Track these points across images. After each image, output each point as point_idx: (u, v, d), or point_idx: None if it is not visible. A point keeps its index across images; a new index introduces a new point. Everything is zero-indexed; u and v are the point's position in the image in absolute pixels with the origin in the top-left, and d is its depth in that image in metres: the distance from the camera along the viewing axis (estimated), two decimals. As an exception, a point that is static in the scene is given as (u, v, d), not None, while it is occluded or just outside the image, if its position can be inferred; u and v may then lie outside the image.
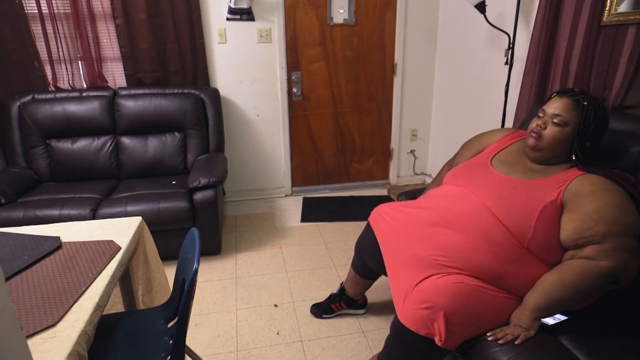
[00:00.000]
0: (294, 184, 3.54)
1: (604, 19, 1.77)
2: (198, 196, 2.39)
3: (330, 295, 2.02)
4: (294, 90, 3.25)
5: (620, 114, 1.69)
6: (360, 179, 3.65)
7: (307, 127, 3.40)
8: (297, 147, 3.44)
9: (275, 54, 3.09)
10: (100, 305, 1.10)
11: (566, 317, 1.24)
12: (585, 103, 1.32)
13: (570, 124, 1.33)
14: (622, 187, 1.25)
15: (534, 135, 1.38)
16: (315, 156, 3.50)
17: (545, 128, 1.37)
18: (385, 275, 1.71)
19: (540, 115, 1.40)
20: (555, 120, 1.35)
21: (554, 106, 1.36)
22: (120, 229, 1.49)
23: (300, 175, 3.53)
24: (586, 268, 1.19)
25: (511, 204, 1.32)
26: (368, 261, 1.74)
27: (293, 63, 3.19)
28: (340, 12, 3.09)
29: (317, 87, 3.29)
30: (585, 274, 1.19)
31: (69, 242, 1.39)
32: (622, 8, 1.69)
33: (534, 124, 1.40)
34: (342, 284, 2.00)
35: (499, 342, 1.22)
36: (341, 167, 3.58)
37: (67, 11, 2.70)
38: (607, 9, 1.75)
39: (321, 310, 2.00)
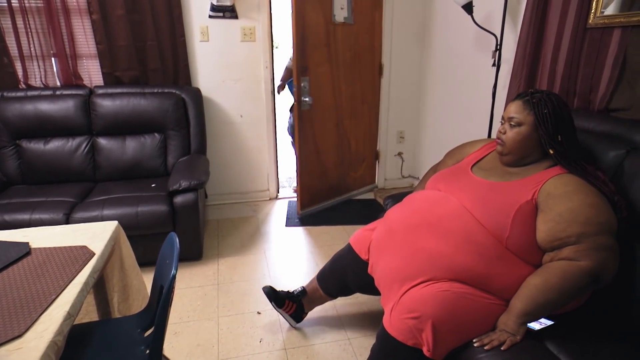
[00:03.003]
0: (302, 207, 3.08)
1: (590, 21, 1.78)
2: (178, 199, 2.31)
3: (290, 292, 1.92)
4: (306, 99, 2.81)
5: (606, 116, 1.70)
6: (355, 187, 3.49)
7: (313, 139, 3.02)
8: (306, 165, 2.99)
9: (260, 53, 3.04)
10: (71, 314, 1.06)
11: (552, 322, 1.25)
12: (534, 100, 1.38)
13: (525, 122, 1.38)
14: (595, 186, 1.27)
15: (498, 141, 1.47)
16: (319, 170, 3.14)
17: (505, 133, 1.44)
18: (362, 292, 1.77)
19: (502, 122, 1.48)
20: (512, 123, 1.42)
21: (508, 110, 1.44)
22: (95, 234, 1.43)
23: (308, 196, 3.10)
24: (567, 269, 1.20)
25: (488, 205, 1.35)
26: (348, 279, 1.74)
27: (302, 67, 2.79)
28: (340, 9, 2.93)
29: (322, 93, 2.96)
30: (567, 275, 1.20)
31: (39, 248, 1.33)
32: (609, 11, 1.71)
33: (497, 131, 1.49)
34: (304, 287, 1.92)
35: (485, 348, 1.21)
36: (341, 177, 3.35)
37: (39, 5, 2.59)
38: (592, 11, 1.76)
39: (276, 297, 1.86)
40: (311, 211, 3.14)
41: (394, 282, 1.40)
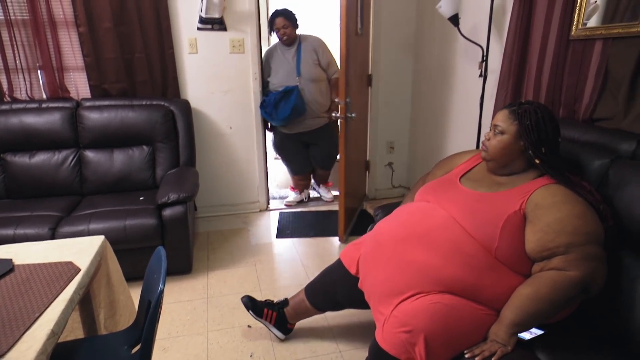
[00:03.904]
0: (345, 230, 2.87)
1: (572, 33, 1.81)
2: (167, 212, 2.28)
3: (269, 301, 1.93)
4: (352, 115, 2.67)
5: (590, 126, 1.72)
6: (360, 199, 3.47)
7: (347, 157, 2.86)
8: (349, 185, 2.84)
9: (249, 64, 3.04)
10: (55, 332, 1.03)
11: (542, 332, 1.25)
12: (520, 111, 1.39)
13: (507, 132, 1.40)
14: (581, 196, 1.29)
15: (483, 147, 1.49)
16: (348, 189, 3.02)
17: (489, 139, 1.46)
18: (353, 307, 1.75)
19: (490, 129, 1.50)
20: (496, 131, 1.44)
21: (496, 118, 1.47)
22: (81, 249, 1.40)
23: (347, 219, 2.92)
24: (557, 279, 1.20)
25: (477, 216, 1.35)
26: (338, 294, 1.72)
27: (347, 82, 2.64)
28: (358, 19, 2.85)
29: (353, 109, 2.79)
30: (557, 285, 1.20)
31: (23, 265, 1.30)
32: (592, 23, 1.74)
33: (484, 137, 1.52)
34: (286, 298, 1.92)
35: (476, 359, 1.21)
36: (355, 191, 3.27)
37: (25, 17, 2.56)
38: (574, 23, 1.80)
39: (254, 306, 1.89)
40: (348, 233, 2.97)
41: (385, 296, 1.39)
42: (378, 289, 1.44)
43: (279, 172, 3.72)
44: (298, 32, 3.09)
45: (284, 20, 2.97)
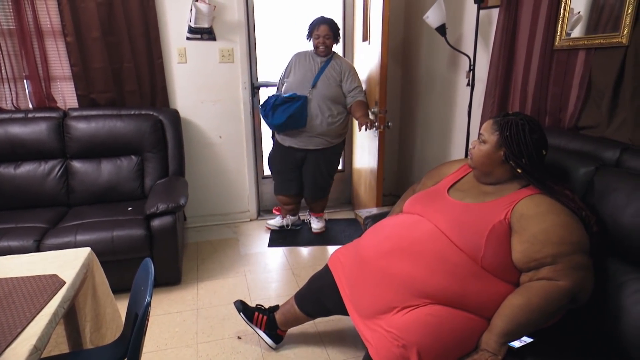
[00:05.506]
0: None
1: (556, 43, 1.85)
2: (156, 223, 2.25)
3: (259, 305, 1.93)
4: (390, 124, 2.73)
5: (575, 134, 1.75)
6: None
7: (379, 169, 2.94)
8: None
9: (238, 74, 3.05)
10: (37, 348, 1.00)
11: (532, 339, 1.26)
12: (502, 122, 1.42)
13: (488, 141, 1.43)
14: (565, 204, 1.30)
15: (469, 155, 1.53)
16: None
17: (474, 147, 1.49)
18: (342, 314, 1.71)
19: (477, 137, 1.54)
20: (480, 139, 1.48)
21: (482, 127, 1.50)
22: (66, 262, 1.37)
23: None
24: (548, 289, 1.22)
25: (462, 226, 1.36)
26: (327, 300, 1.71)
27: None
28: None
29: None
30: (548, 295, 1.21)
31: (5, 278, 1.27)
32: (575, 33, 1.78)
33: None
34: (278, 305, 1.92)
35: None
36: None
37: (11, 27, 2.54)
38: (558, 34, 1.84)
39: (245, 310, 1.90)
40: None
41: (374, 312, 1.40)
42: (366, 306, 1.44)
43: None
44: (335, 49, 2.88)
45: (329, 30, 2.71)
